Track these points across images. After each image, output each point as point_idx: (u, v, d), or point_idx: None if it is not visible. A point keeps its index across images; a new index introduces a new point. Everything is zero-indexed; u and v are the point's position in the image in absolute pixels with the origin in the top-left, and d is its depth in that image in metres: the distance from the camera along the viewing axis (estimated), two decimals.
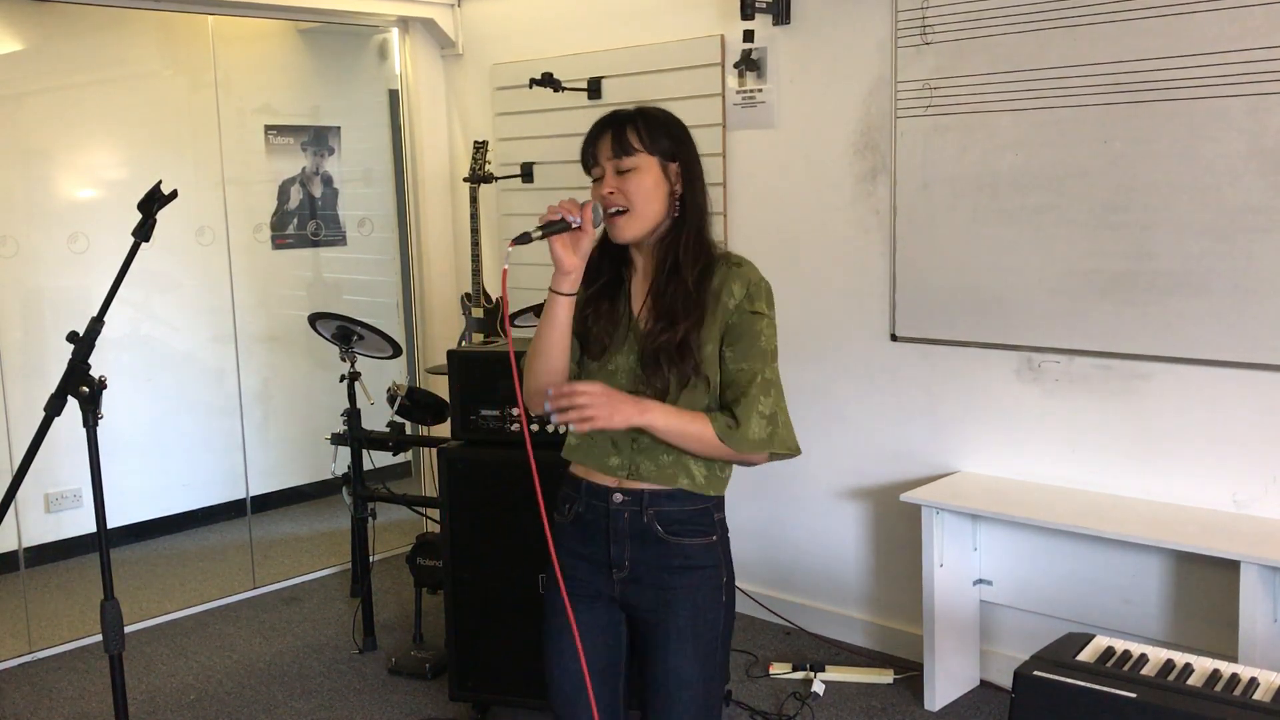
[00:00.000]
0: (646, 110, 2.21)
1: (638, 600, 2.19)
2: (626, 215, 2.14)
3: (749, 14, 3.95)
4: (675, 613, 2.16)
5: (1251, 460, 3.20)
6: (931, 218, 3.75)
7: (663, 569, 2.16)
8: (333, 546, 5.42)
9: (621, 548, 2.18)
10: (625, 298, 2.22)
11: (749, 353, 2.12)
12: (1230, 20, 3.07)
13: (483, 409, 3.46)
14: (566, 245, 2.10)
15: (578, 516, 2.23)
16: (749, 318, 2.13)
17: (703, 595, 2.17)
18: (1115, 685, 2.05)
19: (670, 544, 2.16)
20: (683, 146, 2.19)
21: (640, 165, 2.15)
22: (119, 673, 2.65)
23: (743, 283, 2.14)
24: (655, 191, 2.15)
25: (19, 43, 5.09)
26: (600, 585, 2.21)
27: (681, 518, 2.17)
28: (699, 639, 2.17)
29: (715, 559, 2.20)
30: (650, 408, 2.06)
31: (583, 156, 2.25)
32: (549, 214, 2.10)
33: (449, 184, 5.42)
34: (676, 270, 2.14)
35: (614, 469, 2.18)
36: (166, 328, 5.59)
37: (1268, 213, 3.08)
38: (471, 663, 3.52)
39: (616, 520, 2.17)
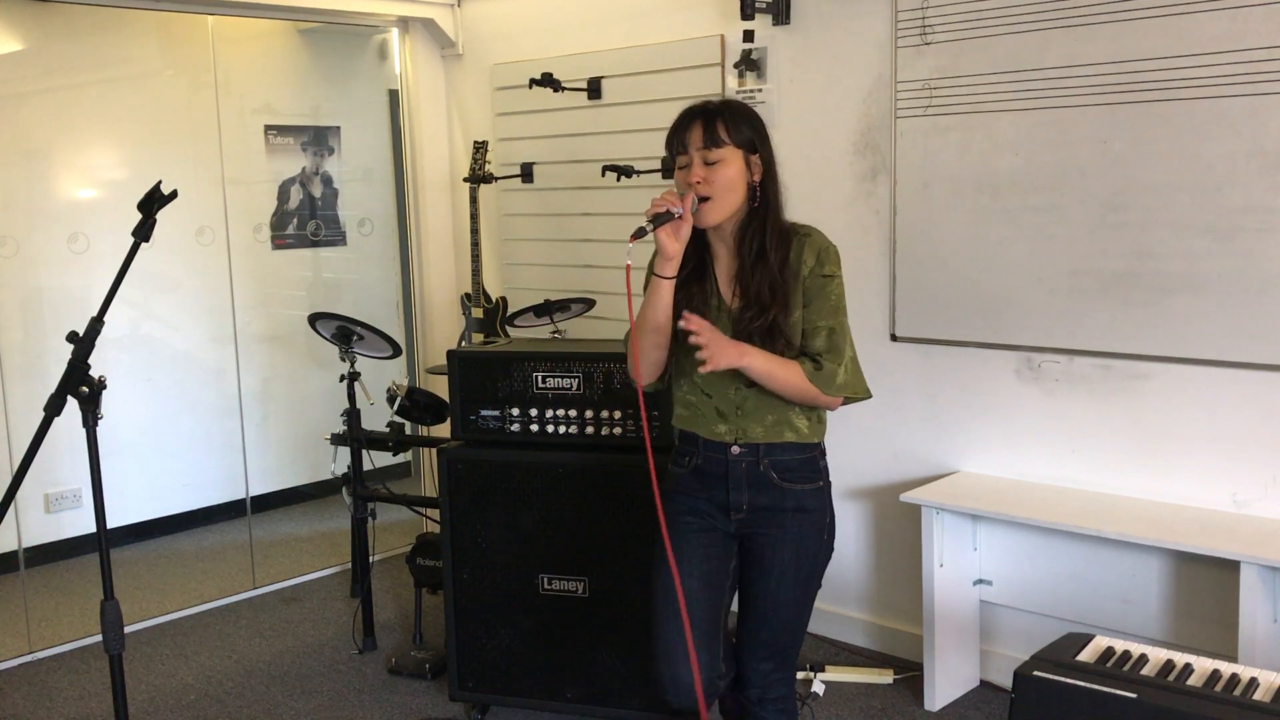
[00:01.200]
0: (732, 103, 2.41)
1: (752, 534, 2.48)
2: (710, 203, 2.35)
3: (749, 14, 3.95)
4: (783, 547, 2.46)
5: (1251, 460, 3.20)
6: (931, 218, 3.75)
7: (776, 510, 2.45)
8: (333, 546, 5.42)
9: (740, 493, 2.46)
10: (712, 280, 2.46)
11: (824, 310, 2.39)
12: (1230, 20, 3.07)
13: (483, 409, 3.46)
14: (670, 234, 2.31)
15: (696, 468, 2.50)
16: (820, 280, 2.39)
17: (808, 534, 2.48)
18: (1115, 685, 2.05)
19: (784, 489, 2.45)
20: (763, 140, 2.41)
21: (726, 157, 2.35)
22: (119, 673, 2.66)
23: (813, 250, 2.40)
24: (738, 182, 2.36)
25: (19, 43, 5.09)
26: (718, 522, 2.50)
27: (793, 465, 2.45)
28: (800, 570, 2.48)
29: (822, 503, 2.50)
30: (748, 351, 2.32)
31: (670, 143, 2.41)
32: (654, 207, 2.29)
33: (449, 184, 5.42)
34: (763, 255, 2.38)
35: (723, 435, 2.45)
36: (166, 328, 5.59)
37: (1268, 213, 3.07)
38: (471, 663, 3.52)
39: (734, 469, 2.45)
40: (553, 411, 3.38)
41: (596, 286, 4.70)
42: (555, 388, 3.37)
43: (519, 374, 3.40)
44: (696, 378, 2.43)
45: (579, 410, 3.35)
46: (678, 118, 2.41)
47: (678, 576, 2.38)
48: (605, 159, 4.53)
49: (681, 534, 2.49)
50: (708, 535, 2.50)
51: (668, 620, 2.45)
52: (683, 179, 2.37)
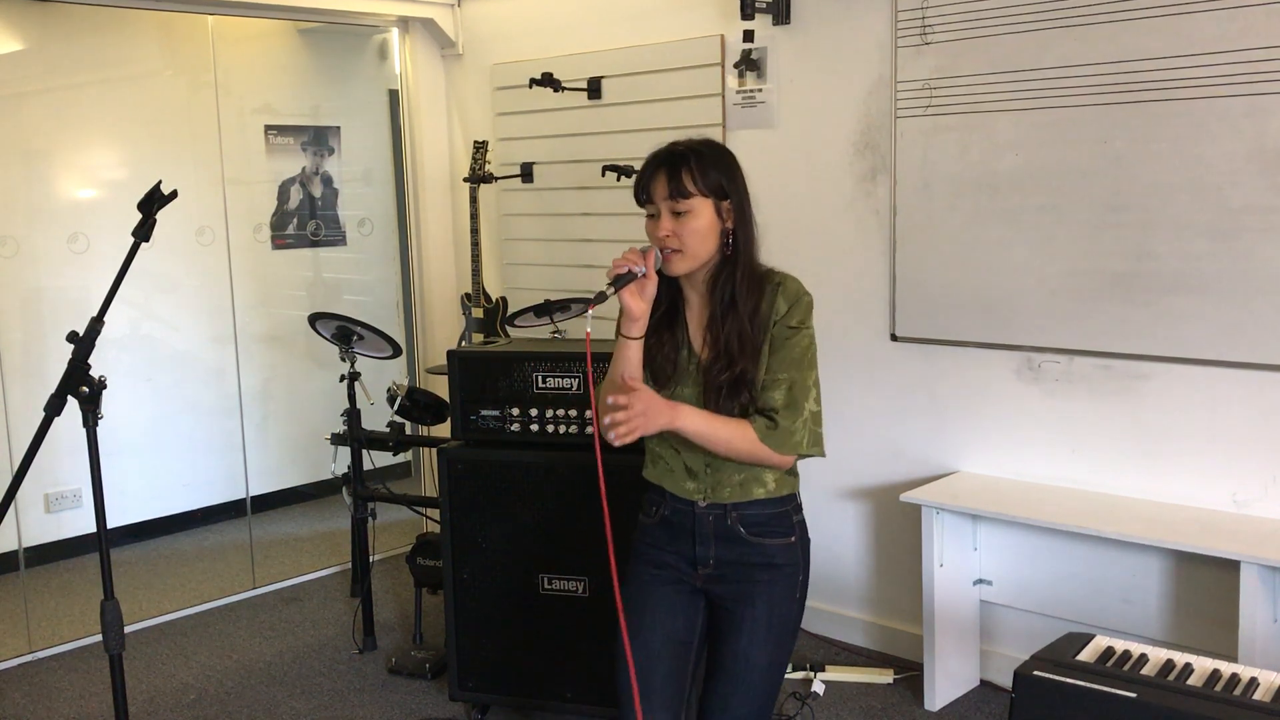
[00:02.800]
0: (698, 148, 2.27)
1: (720, 591, 2.34)
2: (680, 254, 2.24)
3: (749, 14, 3.95)
4: (753, 605, 2.31)
5: (1251, 460, 3.20)
6: (931, 218, 3.75)
7: (745, 565, 2.31)
8: (333, 546, 5.42)
9: (707, 548, 2.33)
10: (683, 326, 2.34)
11: (786, 361, 2.27)
12: (1230, 20, 3.07)
13: (483, 409, 3.46)
14: (634, 293, 2.23)
15: (664, 519, 2.38)
16: (787, 331, 2.27)
17: (779, 591, 2.32)
18: (1115, 685, 2.05)
19: (753, 544, 2.31)
20: (734, 183, 2.28)
21: (695, 207, 2.23)
22: (119, 673, 2.66)
23: (785, 299, 2.28)
24: (709, 232, 2.25)
25: (19, 43, 5.09)
26: (684, 575, 2.36)
27: (763, 519, 2.32)
28: (771, 630, 2.32)
29: (794, 558, 2.35)
30: (683, 413, 2.19)
31: (636, 192, 2.30)
32: (615, 268, 2.21)
33: (449, 184, 5.42)
34: (733, 306, 2.26)
35: (692, 492, 2.33)
36: (166, 328, 5.59)
37: (1268, 213, 3.07)
38: (471, 663, 3.52)
39: (702, 523, 2.32)
40: (553, 411, 3.38)
41: (597, 286, 4.67)
42: (555, 388, 3.37)
43: (519, 374, 3.40)
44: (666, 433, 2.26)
45: (579, 410, 3.35)
46: (642, 165, 2.30)
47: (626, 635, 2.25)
48: (605, 159, 4.53)
49: (645, 586, 2.38)
50: (673, 589, 2.36)
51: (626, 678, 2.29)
52: (651, 230, 2.26)
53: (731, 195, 2.27)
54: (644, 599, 2.36)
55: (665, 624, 2.34)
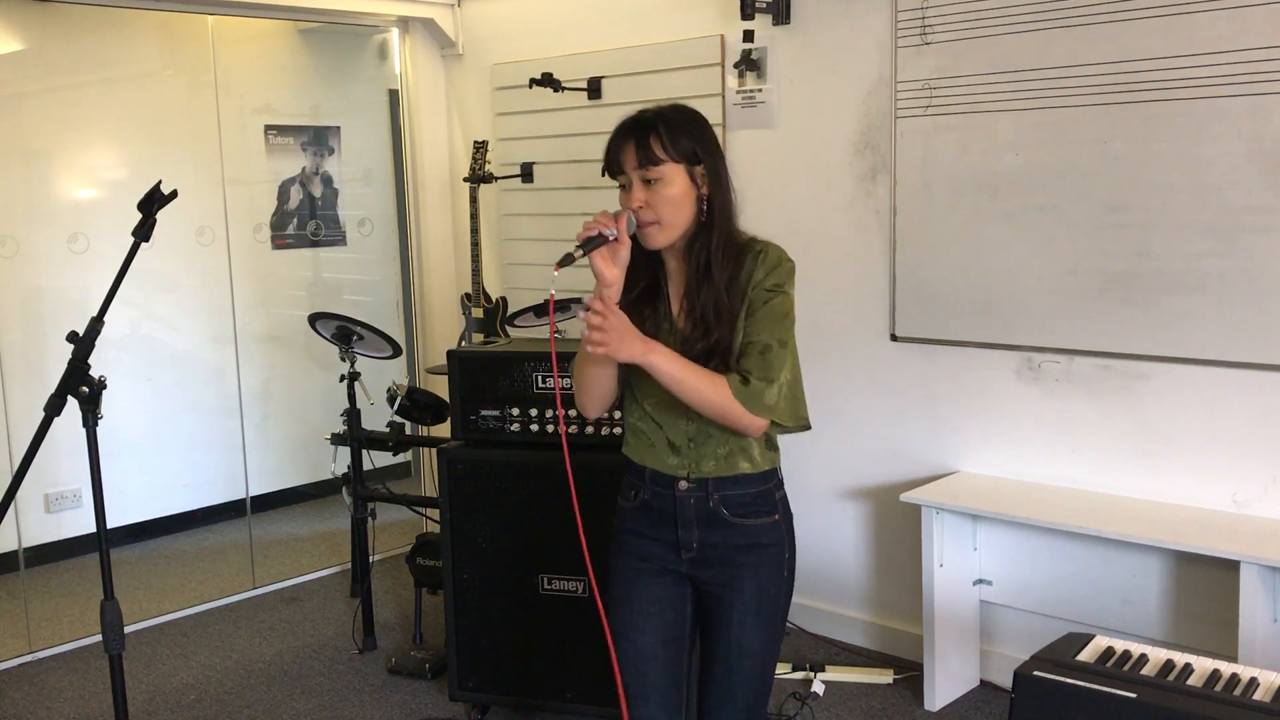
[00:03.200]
0: (666, 113, 2.19)
1: (706, 576, 2.27)
2: (656, 226, 2.15)
3: (749, 14, 3.95)
4: (741, 588, 2.25)
5: (1251, 460, 3.20)
6: (931, 218, 3.75)
7: (729, 548, 2.25)
8: (333, 546, 5.42)
9: (690, 531, 2.26)
10: (664, 299, 2.26)
11: (763, 325, 2.17)
12: (1230, 20, 3.07)
13: (483, 409, 3.46)
14: (606, 258, 2.12)
15: (644, 503, 2.30)
16: (764, 294, 2.18)
17: (767, 571, 2.27)
18: (1115, 685, 2.05)
19: (736, 525, 2.24)
20: (707, 147, 2.19)
21: (666, 174, 2.14)
22: (119, 673, 2.66)
23: (765, 264, 2.19)
24: (684, 199, 2.16)
25: (19, 43, 5.09)
26: (669, 562, 2.29)
27: (745, 500, 2.25)
28: (761, 613, 2.26)
29: (779, 536, 2.29)
30: (656, 349, 2.10)
31: (606, 164, 2.21)
32: (585, 230, 2.10)
33: (449, 184, 5.42)
34: (708, 273, 2.18)
35: (674, 468, 2.25)
36: (166, 328, 5.59)
37: (1268, 213, 3.07)
38: (471, 663, 3.52)
39: (683, 506, 2.25)
40: (553, 411, 3.38)
41: None
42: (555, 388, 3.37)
43: (519, 374, 3.40)
44: (647, 405, 2.26)
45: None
46: (611, 135, 2.19)
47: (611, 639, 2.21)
48: None
49: (632, 582, 2.30)
50: (659, 581, 2.29)
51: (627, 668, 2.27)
52: (624, 201, 2.18)
53: (705, 159, 2.17)
54: (631, 596, 2.30)
55: (655, 621, 2.29)
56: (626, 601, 2.31)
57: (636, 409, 2.30)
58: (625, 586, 2.32)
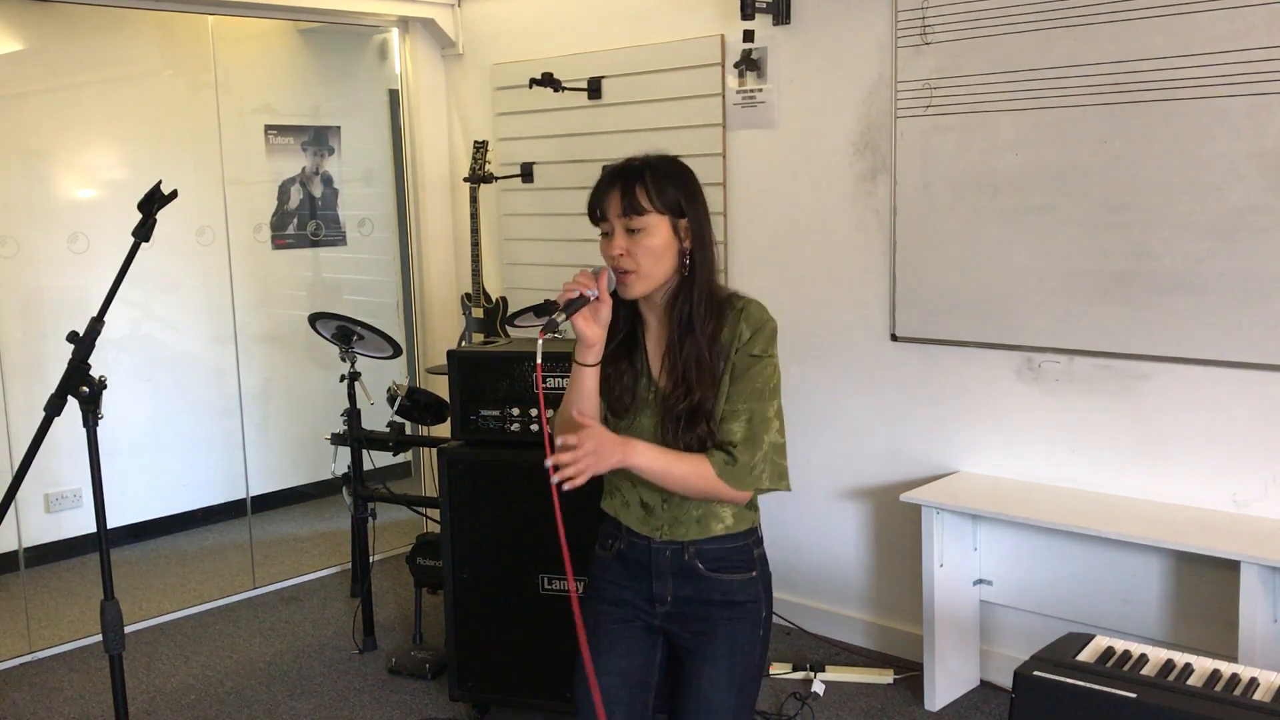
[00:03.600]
0: (654, 164, 2.18)
1: (679, 630, 2.25)
2: (634, 275, 2.14)
3: (749, 14, 3.95)
4: (714, 644, 2.21)
5: (1251, 460, 3.20)
6: (931, 218, 3.75)
7: (704, 603, 2.22)
8: (333, 546, 5.42)
9: (664, 584, 2.23)
10: (642, 353, 2.24)
11: (747, 392, 2.14)
12: (1230, 20, 3.07)
13: (483, 409, 3.46)
14: (588, 318, 2.11)
15: (619, 553, 2.29)
16: (748, 360, 2.15)
17: (741, 629, 2.23)
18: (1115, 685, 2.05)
19: (711, 580, 2.21)
20: (692, 201, 2.17)
21: (649, 225, 2.13)
22: (119, 673, 2.66)
23: (748, 325, 2.16)
24: (665, 251, 2.14)
25: (19, 43, 5.09)
26: (643, 614, 2.27)
27: (722, 554, 2.22)
28: (734, 670, 2.21)
29: (755, 594, 2.25)
30: (636, 449, 2.08)
31: (590, 209, 2.21)
32: (566, 292, 2.09)
33: (449, 184, 5.42)
34: (690, 329, 2.15)
35: (649, 529, 2.24)
36: (166, 328, 5.59)
37: (1268, 213, 3.07)
38: (471, 663, 3.52)
39: (658, 558, 2.23)
40: (553, 411, 3.37)
41: None
42: (555, 388, 3.37)
43: (519, 374, 3.40)
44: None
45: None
46: (597, 181, 2.21)
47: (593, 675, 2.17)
48: (605, 159, 4.49)
49: (601, 625, 2.28)
50: (628, 628, 2.27)
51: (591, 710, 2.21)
52: (605, 249, 2.16)
53: (689, 213, 2.16)
54: (600, 639, 2.26)
55: (622, 664, 2.25)
56: (595, 644, 2.25)
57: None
58: (595, 629, 2.28)
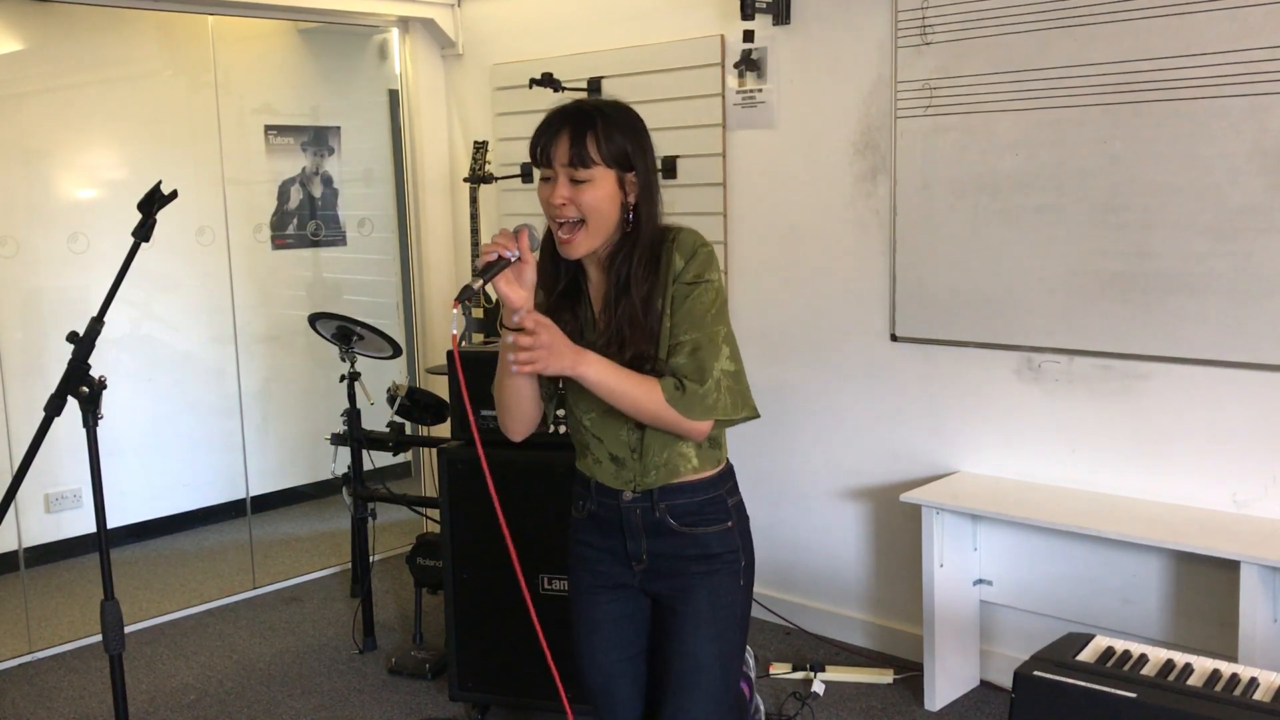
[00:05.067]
0: (606, 109, 2.07)
1: (658, 587, 2.21)
2: (581, 229, 2.04)
3: (749, 14, 3.95)
4: (694, 598, 2.16)
5: (1251, 460, 3.20)
6: (931, 218, 3.75)
7: (680, 558, 2.17)
8: (333, 546, 5.42)
9: (638, 542, 2.19)
10: (586, 303, 2.17)
11: (687, 321, 2.06)
12: (1230, 20, 3.07)
13: (483, 409, 3.46)
14: (511, 281, 2.01)
15: (591, 514, 2.25)
16: (684, 289, 2.07)
17: (720, 580, 2.18)
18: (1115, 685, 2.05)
19: (685, 535, 2.17)
20: (641, 153, 2.08)
21: (595, 177, 2.03)
22: (119, 673, 2.66)
23: (681, 254, 2.08)
24: (609, 204, 2.05)
25: (19, 43, 5.09)
26: (622, 576, 2.23)
27: (693, 508, 2.17)
28: (716, 623, 2.17)
29: (732, 544, 2.19)
30: (587, 359, 2.00)
31: (532, 150, 2.07)
32: (484, 255, 1.99)
33: (449, 184, 5.42)
34: (626, 291, 2.07)
35: (619, 482, 2.19)
36: (166, 328, 5.59)
37: (1268, 213, 3.08)
38: (471, 663, 3.52)
39: (629, 517, 2.18)
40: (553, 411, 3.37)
41: None
42: None
43: None
44: (586, 420, 2.17)
45: None
46: (542, 121, 2.06)
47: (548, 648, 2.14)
48: None
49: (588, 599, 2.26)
50: (615, 595, 2.24)
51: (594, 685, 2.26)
52: (545, 195, 2.05)
53: (637, 166, 2.05)
54: (590, 613, 2.26)
55: (614, 637, 2.24)
56: (586, 621, 2.27)
57: (575, 423, 2.22)
58: (584, 606, 2.27)
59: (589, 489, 2.23)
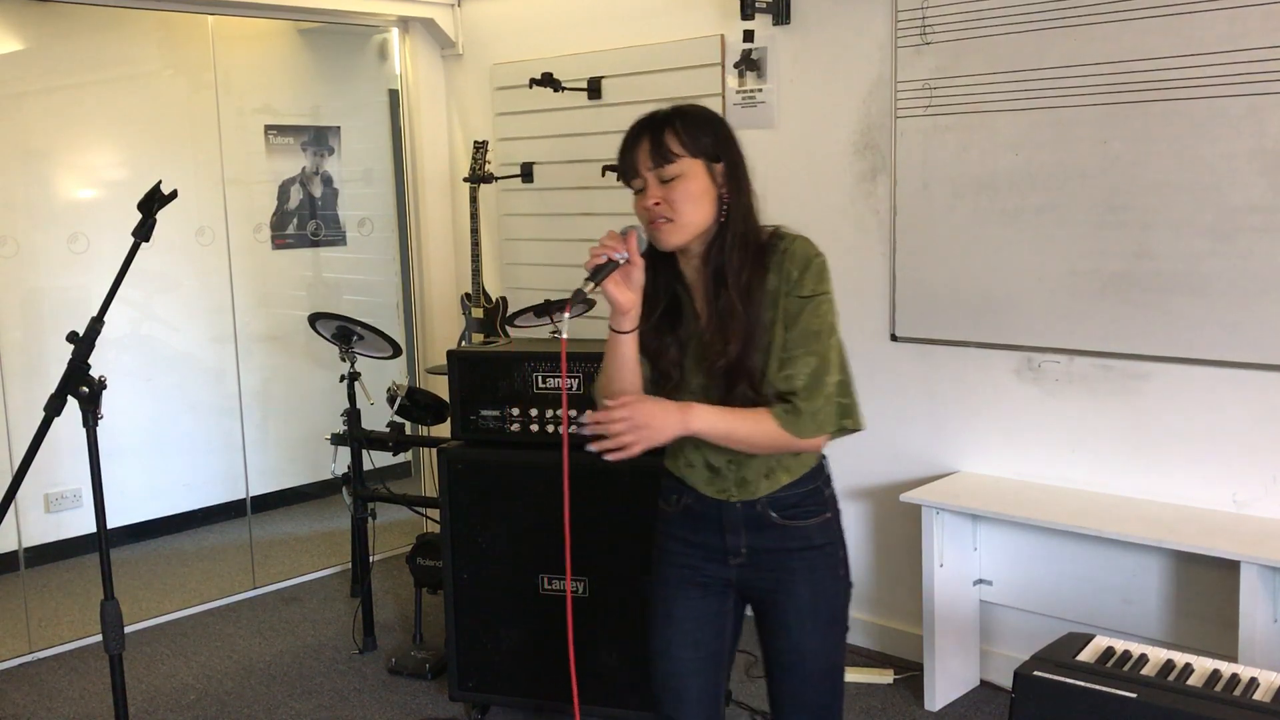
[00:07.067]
0: (684, 109, 2.08)
1: (757, 582, 2.20)
2: (671, 224, 2.03)
3: (749, 14, 3.95)
4: (796, 591, 2.17)
5: (1251, 460, 3.20)
6: (931, 218, 3.75)
7: (781, 551, 2.17)
8: (333, 546, 5.42)
9: (737, 536, 2.18)
10: (690, 319, 2.15)
11: (803, 336, 2.06)
12: (1230, 20, 3.07)
13: (483, 409, 3.46)
14: (619, 283, 2.03)
15: (686, 508, 2.23)
16: (799, 302, 2.06)
17: (821, 572, 2.19)
18: (1115, 685, 2.05)
19: (787, 527, 2.16)
20: (726, 144, 2.08)
21: (684, 171, 2.03)
22: (119, 673, 2.66)
23: (794, 265, 2.08)
24: (703, 197, 2.04)
25: (19, 43, 5.09)
26: (714, 571, 2.21)
27: (794, 501, 2.17)
28: (819, 614, 2.18)
29: (832, 535, 2.21)
30: (695, 414, 2.01)
31: (620, 167, 2.09)
32: (593, 258, 2.00)
33: (449, 184, 5.42)
34: (722, 282, 2.06)
35: (716, 491, 2.18)
36: (166, 328, 5.59)
37: (1268, 213, 3.07)
38: (471, 663, 3.52)
39: (729, 513, 2.17)
40: (553, 411, 3.38)
41: None
42: (555, 388, 3.37)
43: (519, 374, 3.40)
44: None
45: (579, 410, 3.35)
46: (624, 138, 2.07)
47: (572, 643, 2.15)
48: (605, 159, 4.52)
49: (672, 594, 2.25)
50: (700, 592, 2.23)
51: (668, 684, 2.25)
52: (639, 205, 2.05)
53: (724, 156, 2.06)
54: (671, 608, 2.25)
55: (692, 634, 2.23)
56: (665, 616, 2.26)
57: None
58: (668, 602, 2.26)
59: (683, 485, 2.22)
